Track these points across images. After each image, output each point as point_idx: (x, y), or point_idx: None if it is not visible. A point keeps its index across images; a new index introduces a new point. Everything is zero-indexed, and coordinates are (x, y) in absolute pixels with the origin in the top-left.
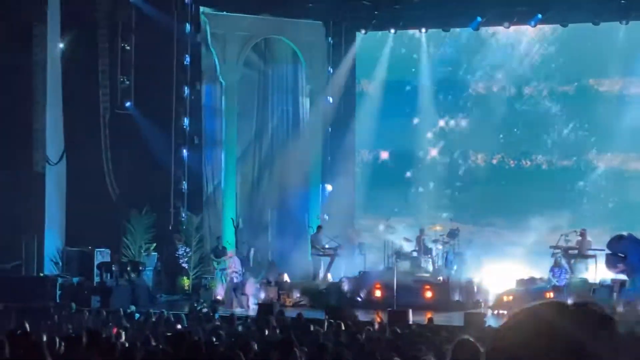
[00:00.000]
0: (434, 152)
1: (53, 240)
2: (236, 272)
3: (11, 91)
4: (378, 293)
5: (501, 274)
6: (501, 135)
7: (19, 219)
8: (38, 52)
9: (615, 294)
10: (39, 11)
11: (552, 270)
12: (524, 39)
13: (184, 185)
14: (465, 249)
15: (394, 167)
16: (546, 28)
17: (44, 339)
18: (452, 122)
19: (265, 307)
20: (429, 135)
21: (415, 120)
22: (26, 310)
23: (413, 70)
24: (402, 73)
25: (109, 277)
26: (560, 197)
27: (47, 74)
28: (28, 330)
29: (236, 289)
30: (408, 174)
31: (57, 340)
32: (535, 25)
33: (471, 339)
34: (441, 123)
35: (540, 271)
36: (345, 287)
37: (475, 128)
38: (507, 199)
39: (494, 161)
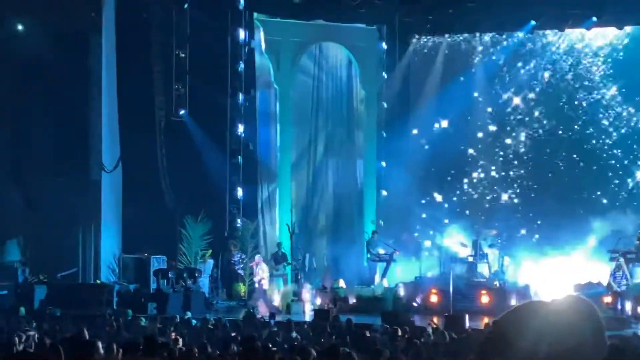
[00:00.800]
0: (488, 159)
1: (109, 247)
2: (264, 279)
3: (67, 99)
4: (434, 298)
5: (558, 279)
6: (565, 134)
7: (76, 226)
8: (94, 61)
9: None
10: (94, 20)
11: (612, 274)
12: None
13: (239, 191)
14: (522, 252)
15: (449, 171)
16: None
17: (101, 345)
18: (507, 129)
19: (321, 313)
20: (483, 137)
21: (471, 122)
22: (83, 317)
23: (462, 78)
24: (457, 77)
25: (165, 284)
26: (621, 199)
27: (103, 82)
28: (87, 336)
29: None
30: (465, 179)
31: (115, 346)
32: (590, 29)
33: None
34: (492, 128)
35: (599, 275)
36: (402, 292)
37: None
38: (567, 200)
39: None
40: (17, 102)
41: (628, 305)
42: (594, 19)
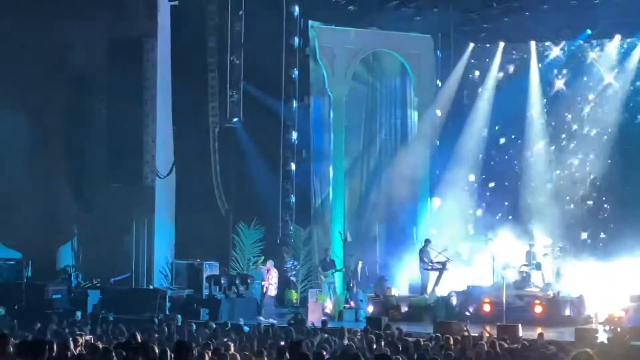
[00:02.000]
0: (542, 168)
1: (162, 253)
2: (272, 285)
3: (122, 105)
4: (487, 307)
5: (613, 289)
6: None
7: (129, 231)
8: (149, 66)
9: None
10: (150, 26)
11: None
12: None
13: (292, 198)
14: (576, 263)
15: (503, 181)
16: None
17: (156, 350)
18: (563, 136)
19: (373, 321)
20: (538, 147)
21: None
22: (136, 322)
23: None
24: (511, 85)
25: (217, 290)
26: None
27: (157, 88)
28: (139, 341)
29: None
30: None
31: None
32: None
33: (590, 352)
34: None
35: None
36: (454, 301)
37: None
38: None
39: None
40: (72, 108)
41: None
42: None
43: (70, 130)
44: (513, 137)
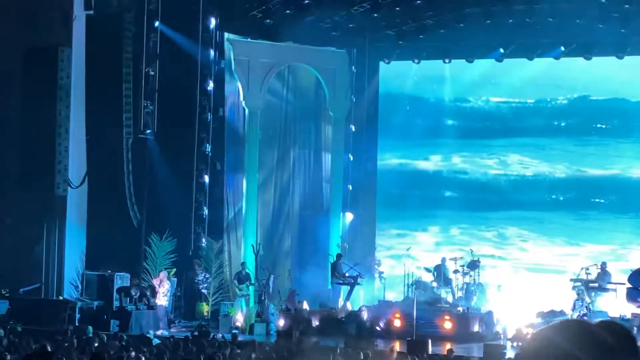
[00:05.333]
0: (454, 181)
1: (73, 264)
2: (164, 295)
3: (35, 114)
4: (397, 322)
5: (522, 306)
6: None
7: (40, 241)
8: (63, 75)
9: (635, 329)
10: (65, 35)
11: (574, 303)
12: None
13: (205, 211)
14: (485, 279)
15: (415, 196)
16: None
17: None
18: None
19: (284, 335)
20: (449, 163)
21: (438, 149)
22: (45, 333)
23: (434, 103)
24: (426, 102)
25: (128, 302)
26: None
27: (71, 97)
28: (49, 351)
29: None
30: (431, 202)
31: None
32: (558, 58)
33: None
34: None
35: (562, 304)
36: (365, 316)
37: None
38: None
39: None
40: None
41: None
42: (562, 48)
43: None
44: (429, 151)
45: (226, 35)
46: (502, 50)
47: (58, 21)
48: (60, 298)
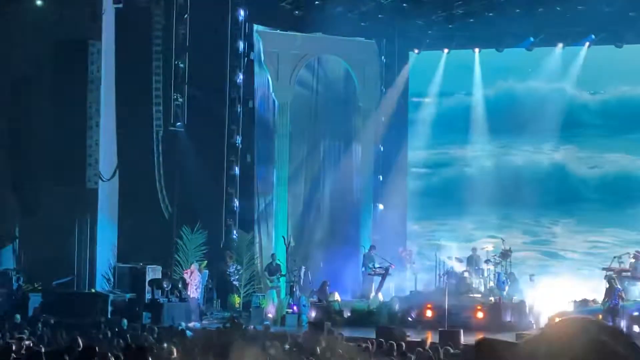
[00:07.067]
0: (485, 171)
1: (105, 256)
2: (196, 287)
3: (66, 107)
4: (429, 313)
5: (555, 295)
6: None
7: (72, 235)
8: (93, 69)
9: None
10: (94, 29)
11: (606, 292)
12: None
13: (236, 202)
14: (518, 268)
15: (445, 187)
16: None
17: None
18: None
19: (315, 326)
20: (480, 153)
21: (468, 139)
22: (77, 326)
23: (464, 93)
24: (456, 92)
25: (160, 294)
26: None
27: (102, 91)
28: (81, 345)
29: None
30: (462, 192)
31: (110, 356)
32: (589, 46)
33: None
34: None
35: (596, 293)
36: (397, 306)
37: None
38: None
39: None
40: (16, 109)
41: (622, 324)
42: (592, 36)
43: (14, 132)
44: (460, 140)
45: (255, 27)
46: (532, 39)
47: (87, 15)
48: (93, 291)
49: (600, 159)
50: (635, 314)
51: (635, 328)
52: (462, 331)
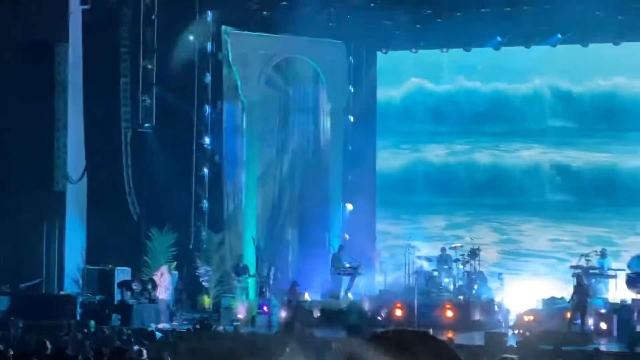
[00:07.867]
0: (454, 170)
1: (74, 259)
2: (165, 288)
3: (33, 109)
4: (399, 312)
5: (523, 293)
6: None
7: (40, 237)
8: (60, 70)
9: (635, 314)
10: (61, 29)
11: (574, 290)
12: None
13: (205, 204)
14: (486, 267)
15: (414, 186)
16: None
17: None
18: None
19: (285, 326)
20: (448, 152)
21: (437, 139)
22: (46, 328)
23: (432, 92)
24: (423, 91)
25: (129, 296)
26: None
27: (69, 92)
28: (49, 348)
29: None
30: (431, 192)
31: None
32: (555, 46)
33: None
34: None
35: (564, 291)
36: (366, 306)
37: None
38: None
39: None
40: None
41: (590, 321)
42: (559, 36)
43: None
44: (427, 139)
45: (223, 27)
46: (499, 39)
47: (54, 16)
48: (61, 293)
49: (567, 157)
50: (603, 311)
51: (603, 325)
52: (431, 330)
